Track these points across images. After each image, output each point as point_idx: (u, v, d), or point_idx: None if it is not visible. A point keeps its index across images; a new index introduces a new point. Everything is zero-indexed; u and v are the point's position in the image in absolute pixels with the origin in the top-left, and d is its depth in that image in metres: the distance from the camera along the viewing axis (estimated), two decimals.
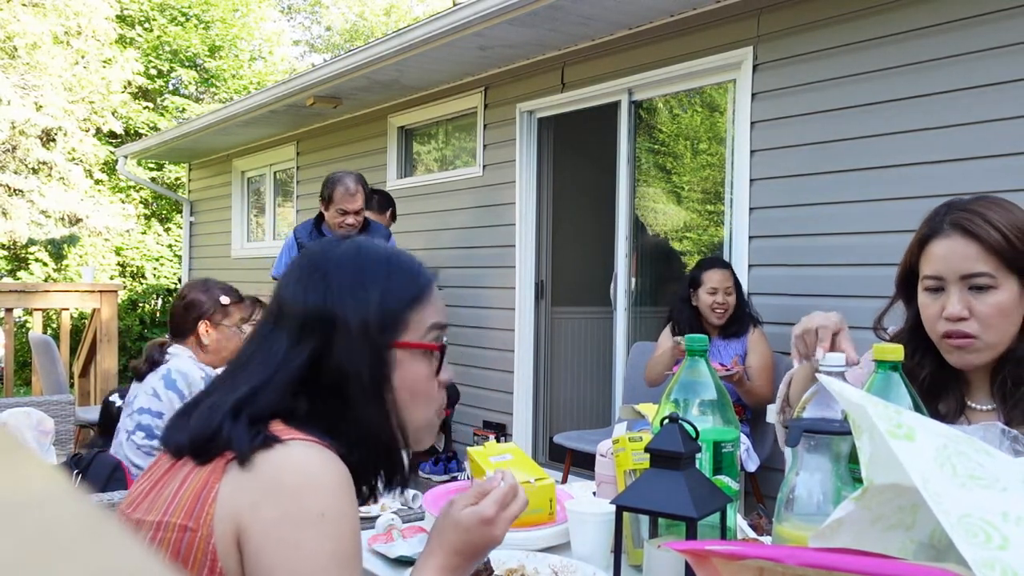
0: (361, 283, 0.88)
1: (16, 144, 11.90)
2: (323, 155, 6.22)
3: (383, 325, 0.88)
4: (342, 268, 0.89)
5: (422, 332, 0.91)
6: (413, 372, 0.90)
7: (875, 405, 0.66)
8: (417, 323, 0.90)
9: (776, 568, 0.61)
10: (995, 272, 1.12)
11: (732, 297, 3.09)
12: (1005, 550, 0.55)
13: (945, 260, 1.15)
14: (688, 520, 0.91)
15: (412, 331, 0.90)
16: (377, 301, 0.88)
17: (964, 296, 1.14)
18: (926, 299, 1.18)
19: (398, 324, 0.89)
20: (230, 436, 0.80)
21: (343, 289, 0.88)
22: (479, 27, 3.79)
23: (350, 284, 0.88)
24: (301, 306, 0.88)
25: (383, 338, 0.87)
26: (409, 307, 0.90)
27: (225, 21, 14.77)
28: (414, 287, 0.91)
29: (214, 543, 0.77)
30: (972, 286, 1.13)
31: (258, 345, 0.89)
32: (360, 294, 0.88)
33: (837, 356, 1.02)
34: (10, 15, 11.42)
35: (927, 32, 2.76)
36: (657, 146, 4.95)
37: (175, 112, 13.94)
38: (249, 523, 0.77)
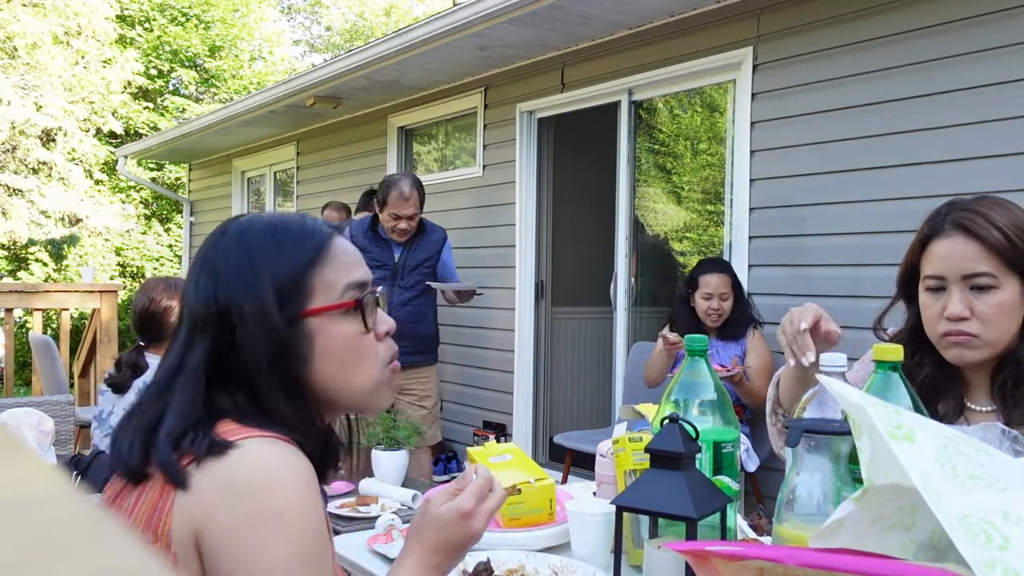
0: (249, 265, 0.83)
1: (16, 144, 11.90)
2: (323, 155, 6.22)
3: (283, 300, 0.82)
4: (228, 255, 0.84)
5: (335, 292, 0.84)
6: (338, 336, 0.84)
7: (875, 406, 0.66)
8: (325, 285, 0.84)
9: (776, 568, 0.61)
10: (996, 272, 1.13)
11: (728, 302, 3.08)
12: (1006, 550, 0.55)
13: (947, 260, 1.15)
14: (688, 520, 0.91)
15: (320, 295, 0.83)
16: (269, 278, 0.82)
17: (966, 296, 1.14)
18: (927, 299, 1.18)
19: (301, 293, 0.83)
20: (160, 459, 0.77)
21: (231, 277, 0.83)
22: (479, 27, 3.79)
23: (236, 269, 0.83)
24: (198, 306, 0.83)
25: (287, 313, 0.82)
26: (307, 272, 0.83)
27: (225, 21, 14.77)
28: (308, 249, 0.84)
29: (174, 551, 0.75)
30: (974, 286, 1.14)
31: (172, 355, 0.85)
32: (249, 278, 0.82)
33: (838, 356, 1.02)
34: (10, 15, 11.41)
35: (927, 32, 2.76)
36: (657, 146, 4.95)
37: (175, 112, 13.93)
38: (206, 529, 0.74)
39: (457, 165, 5.12)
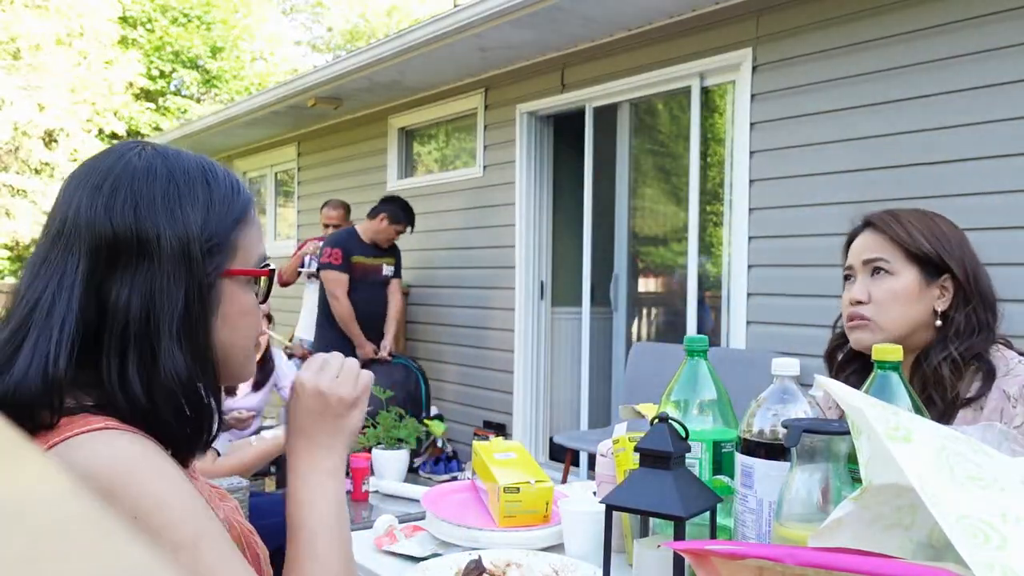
0: (179, 201, 0.73)
1: (19, 145, 11.92)
2: (324, 156, 6.23)
3: (210, 250, 0.74)
4: (153, 182, 0.72)
5: (252, 258, 0.78)
6: (240, 303, 0.77)
7: (872, 407, 0.66)
8: (244, 249, 0.77)
9: (776, 568, 0.61)
10: (892, 259, 1.26)
11: None
12: (1004, 550, 0.55)
13: (855, 252, 1.32)
14: (676, 519, 0.91)
15: (240, 257, 0.77)
16: (200, 219, 0.73)
17: (866, 282, 1.28)
18: (844, 291, 1.32)
19: (225, 250, 0.75)
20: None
21: (157, 206, 0.72)
22: (480, 28, 3.79)
23: (165, 200, 0.72)
24: (108, 226, 0.70)
25: (210, 264, 0.74)
26: (235, 229, 0.76)
27: (226, 22, 14.78)
28: (237, 207, 0.77)
29: None
30: (873, 271, 1.27)
31: (33, 273, 0.71)
32: (177, 211, 0.72)
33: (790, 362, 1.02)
34: (13, 16, 11.43)
35: (926, 33, 2.76)
36: (657, 147, 4.95)
37: (177, 113, 13.94)
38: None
39: (457, 165, 5.12)
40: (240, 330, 0.79)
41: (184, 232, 0.72)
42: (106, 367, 0.70)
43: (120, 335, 0.70)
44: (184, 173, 0.75)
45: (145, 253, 0.71)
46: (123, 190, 0.72)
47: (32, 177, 12.06)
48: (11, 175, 11.86)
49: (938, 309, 1.25)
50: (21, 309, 0.70)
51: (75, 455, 0.65)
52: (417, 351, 5.21)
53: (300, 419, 0.83)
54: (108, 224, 0.71)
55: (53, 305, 0.69)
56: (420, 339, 5.18)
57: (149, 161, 0.74)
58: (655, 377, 3.27)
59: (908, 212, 1.31)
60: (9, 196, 11.97)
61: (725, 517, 1.05)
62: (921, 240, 1.25)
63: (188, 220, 0.73)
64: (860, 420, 0.68)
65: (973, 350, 1.21)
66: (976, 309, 1.23)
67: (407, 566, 1.15)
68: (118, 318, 0.70)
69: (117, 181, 0.72)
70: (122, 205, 0.71)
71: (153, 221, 0.71)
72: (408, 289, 5.20)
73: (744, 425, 1.02)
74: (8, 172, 11.87)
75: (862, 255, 1.29)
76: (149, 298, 0.70)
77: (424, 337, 5.15)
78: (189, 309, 0.72)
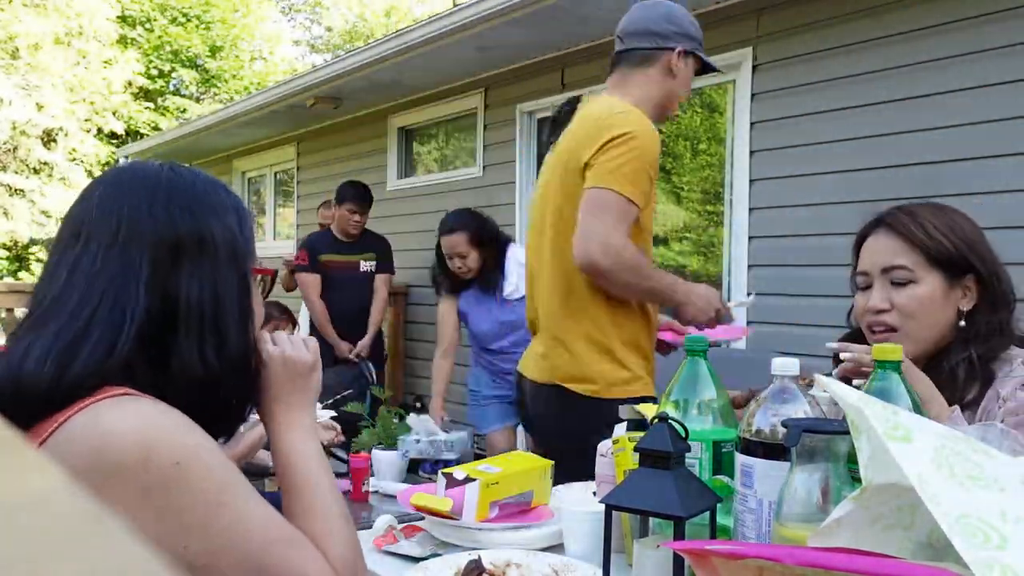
0: (218, 204, 0.84)
1: (17, 144, 11.91)
2: (323, 156, 6.23)
3: (246, 248, 0.86)
4: (196, 189, 0.83)
5: (256, 259, 0.90)
6: (256, 299, 0.90)
7: (872, 407, 0.66)
8: (254, 251, 0.89)
9: (775, 568, 0.61)
10: (914, 266, 1.19)
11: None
12: (1004, 550, 0.55)
13: (870, 256, 1.24)
14: (676, 519, 0.91)
15: (252, 259, 0.89)
16: (236, 223, 0.85)
17: (886, 289, 1.21)
18: (857, 296, 1.26)
19: (251, 248, 0.87)
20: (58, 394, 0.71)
21: (201, 209, 0.82)
22: (479, 28, 3.79)
23: (209, 205, 0.83)
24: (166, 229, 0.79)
25: (246, 262, 0.86)
26: (250, 235, 0.88)
27: (226, 22, 14.78)
28: (246, 214, 0.89)
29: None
30: (893, 280, 1.20)
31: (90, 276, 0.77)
32: (222, 215, 0.83)
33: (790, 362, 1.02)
34: (12, 16, 11.42)
35: (926, 33, 2.76)
36: None
37: (176, 112, 13.94)
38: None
39: (457, 165, 5.12)
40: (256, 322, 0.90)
41: (231, 231, 0.84)
42: (182, 352, 0.79)
43: (195, 323, 0.79)
44: (212, 185, 0.86)
45: (205, 250, 0.81)
46: (176, 198, 0.81)
47: (31, 177, 12.06)
48: (10, 175, 11.86)
49: (963, 309, 1.19)
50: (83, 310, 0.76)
51: (101, 417, 0.71)
52: (417, 351, 5.21)
53: (274, 387, 0.91)
54: (171, 227, 0.80)
55: (115, 304, 0.76)
56: (420, 339, 5.18)
57: (182, 174, 0.85)
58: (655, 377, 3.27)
59: (924, 208, 1.22)
60: (8, 196, 11.97)
61: (725, 517, 1.05)
62: (942, 240, 1.17)
63: (230, 222, 0.84)
64: (860, 420, 0.68)
65: (991, 353, 1.16)
66: (998, 309, 1.18)
67: (407, 566, 1.15)
68: (192, 307, 0.79)
69: (169, 191, 0.81)
70: (180, 210, 0.81)
71: (207, 222, 0.82)
72: (408, 289, 5.20)
73: (744, 425, 1.02)
74: (7, 172, 11.87)
75: (880, 262, 1.21)
76: (214, 288, 0.81)
77: (424, 337, 5.15)
78: (242, 296, 0.84)
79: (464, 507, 1.23)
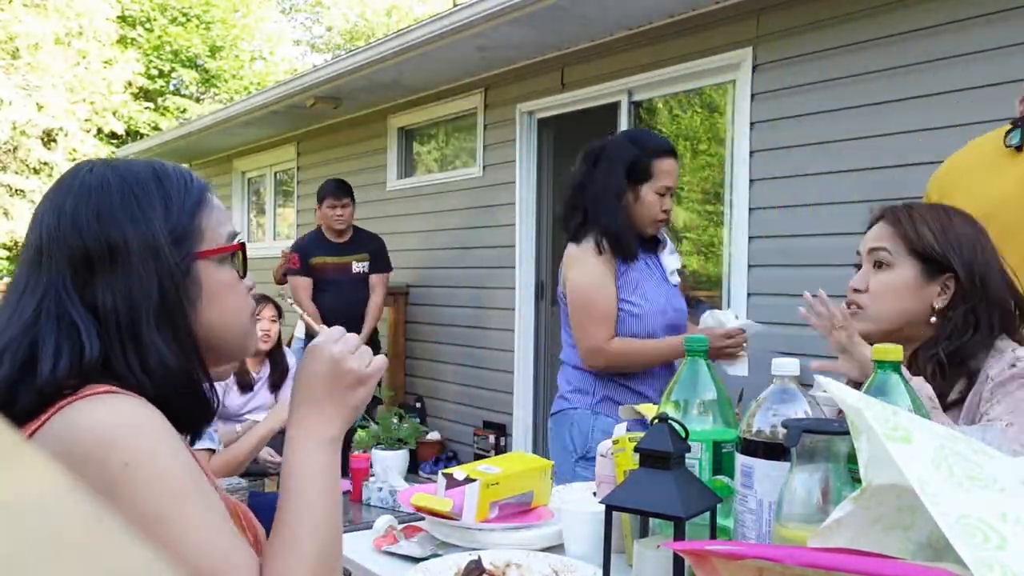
0: (137, 203, 0.79)
1: (17, 144, 11.91)
2: (323, 155, 6.23)
3: (176, 241, 0.80)
4: (110, 194, 0.79)
5: (220, 237, 0.84)
6: (219, 281, 0.83)
7: (871, 407, 0.66)
8: (211, 229, 0.83)
9: (775, 568, 0.61)
10: (893, 251, 1.26)
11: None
12: (1003, 550, 0.55)
13: (864, 240, 1.33)
14: (676, 519, 0.91)
15: (208, 238, 0.83)
16: (161, 215, 0.80)
17: (868, 272, 1.29)
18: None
19: (191, 235, 0.81)
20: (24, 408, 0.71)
21: (118, 214, 0.78)
22: (479, 28, 3.79)
23: (124, 207, 0.79)
24: (74, 241, 0.77)
25: (179, 254, 0.80)
26: (196, 214, 0.83)
27: (226, 21, 14.77)
28: (192, 193, 0.83)
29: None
30: (875, 262, 1.28)
31: (19, 295, 0.78)
32: (138, 215, 0.79)
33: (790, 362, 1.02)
34: (12, 16, 11.42)
35: (926, 33, 2.76)
36: None
37: (176, 112, 13.94)
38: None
39: (457, 165, 5.12)
40: (227, 306, 0.84)
41: (147, 230, 0.79)
42: (114, 360, 0.77)
43: (113, 331, 0.77)
44: (135, 177, 0.81)
45: (116, 256, 0.77)
46: (84, 205, 0.78)
47: (31, 177, 12.05)
48: (10, 175, 11.85)
49: (936, 306, 1.23)
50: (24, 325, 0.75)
51: (75, 414, 0.71)
52: (416, 351, 5.21)
53: (310, 383, 0.84)
54: (79, 238, 0.77)
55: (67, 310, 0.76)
56: (420, 339, 5.18)
57: (101, 174, 0.81)
58: None
59: (924, 207, 1.30)
60: (8, 196, 11.97)
61: (725, 517, 1.05)
62: (928, 236, 1.23)
63: (148, 218, 0.79)
64: (859, 420, 0.68)
65: (963, 351, 1.19)
66: (976, 309, 1.20)
67: (407, 566, 1.15)
68: (108, 318, 0.77)
69: (77, 198, 0.79)
70: (86, 218, 0.78)
71: (117, 226, 0.78)
72: (408, 289, 5.20)
73: (744, 425, 1.02)
74: (7, 172, 11.87)
75: (868, 244, 1.31)
76: (127, 295, 0.77)
77: (424, 337, 5.15)
78: (165, 298, 0.79)
79: (464, 507, 1.23)
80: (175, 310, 0.79)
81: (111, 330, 0.76)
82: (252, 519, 0.87)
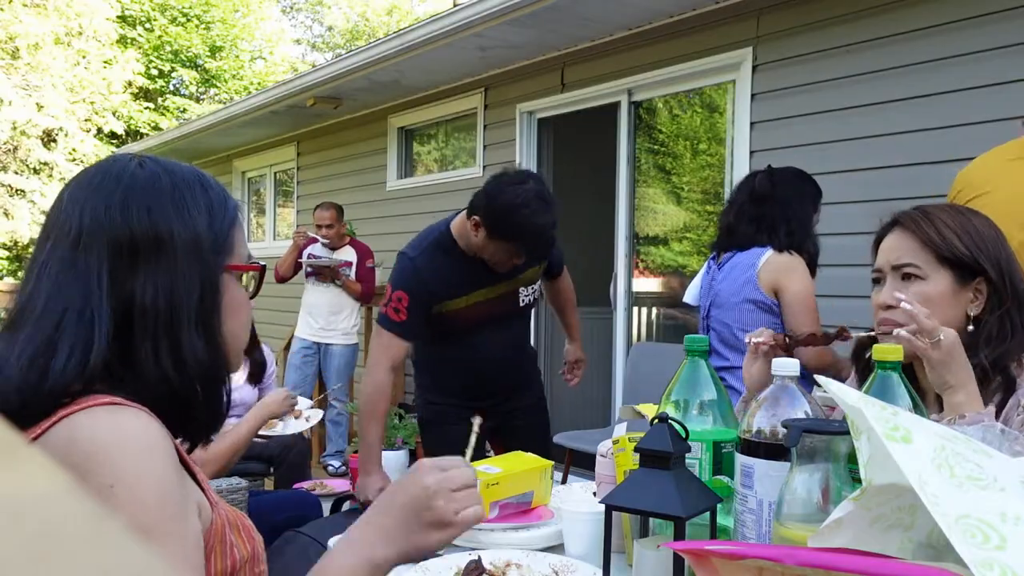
0: (183, 201, 0.80)
1: (17, 144, 11.91)
2: (323, 155, 6.23)
3: (215, 246, 0.81)
4: (158, 186, 0.79)
5: (244, 255, 0.86)
6: (237, 296, 0.84)
7: (871, 407, 0.66)
8: (238, 246, 0.85)
9: (775, 568, 0.61)
10: (924, 264, 1.19)
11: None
12: (1003, 550, 0.55)
13: (884, 253, 1.25)
14: (676, 519, 0.91)
15: (236, 254, 0.84)
16: (206, 220, 0.80)
17: (897, 286, 1.21)
18: (873, 294, 1.26)
19: (226, 246, 0.82)
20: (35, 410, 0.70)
21: (167, 206, 0.78)
22: (479, 28, 3.79)
23: (173, 201, 0.79)
24: (122, 230, 0.76)
25: (215, 260, 0.81)
26: (232, 228, 0.84)
27: (226, 21, 14.77)
28: (230, 208, 0.84)
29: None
30: (904, 276, 1.21)
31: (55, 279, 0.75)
32: (185, 213, 0.79)
33: (790, 362, 1.02)
34: (12, 16, 11.42)
35: (926, 33, 2.76)
36: (657, 147, 4.95)
37: (176, 112, 13.94)
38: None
39: (457, 165, 5.12)
40: (239, 320, 0.85)
41: (194, 230, 0.79)
42: (142, 356, 0.76)
43: (150, 326, 0.76)
44: (183, 180, 0.82)
45: (162, 250, 0.77)
46: (135, 197, 0.78)
47: (31, 177, 12.05)
48: (10, 175, 11.85)
49: (971, 313, 1.18)
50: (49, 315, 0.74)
51: (73, 425, 0.70)
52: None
53: (392, 499, 0.81)
54: (126, 228, 0.77)
55: (85, 307, 0.74)
56: None
57: (151, 170, 0.81)
58: (655, 377, 3.27)
59: (940, 209, 1.23)
60: (8, 196, 11.97)
61: (725, 517, 1.05)
62: (955, 241, 1.18)
63: (195, 220, 0.80)
64: (859, 420, 0.68)
65: (1005, 358, 1.14)
66: (1011, 313, 1.17)
67: (407, 566, 1.15)
68: (147, 311, 0.76)
69: (128, 190, 0.78)
70: (136, 210, 0.77)
71: (166, 221, 0.78)
72: None
73: (744, 425, 1.02)
74: (7, 172, 11.87)
75: (891, 259, 1.22)
76: (169, 291, 0.77)
77: None
78: (204, 300, 0.79)
79: None
80: (213, 312, 0.80)
81: (148, 325, 0.76)
82: (251, 531, 0.86)
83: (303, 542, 1.61)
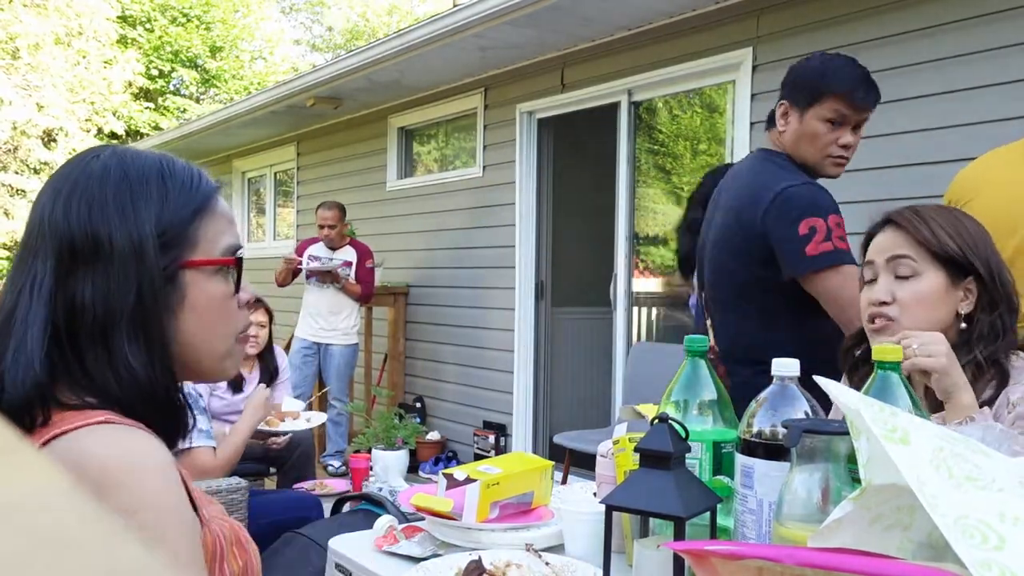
0: (131, 198, 0.75)
1: (18, 144, 11.92)
2: (323, 156, 6.23)
3: (165, 245, 0.75)
4: (106, 183, 0.75)
5: (215, 248, 0.79)
6: (207, 294, 0.78)
7: (870, 408, 0.66)
8: (207, 239, 0.78)
9: (775, 568, 0.61)
10: (918, 258, 1.21)
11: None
12: (1002, 551, 0.55)
13: (876, 248, 1.26)
14: (676, 520, 0.91)
15: (202, 248, 0.78)
16: (153, 218, 0.75)
17: (890, 283, 1.22)
18: (863, 291, 1.27)
19: (183, 242, 0.77)
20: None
21: (109, 207, 0.74)
22: (479, 28, 3.79)
23: (116, 200, 0.74)
24: (63, 229, 0.73)
25: (166, 260, 0.75)
26: (193, 221, 0.77)
27: (226, 22, 14.77)
28: (196, 198, 0.78)
29: None
30: (898, 274, 1.22)
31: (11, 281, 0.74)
32: (130, 211, 0.74)
33: (791, 362, 1.02)
34: (12, 16, 11.42)
35: (926, 33, 2.76)
36: (657, 147, 4.95)
37: (176, 112, 13.94)
38: None
39: (457, 165, 5.12)
40: (212, 321, 0.79)
41: (135, 229, 0.74)
42: (91, 361, 0.73)
43: (88, 332, 0.73)
44: (139, 171, 0.77)
45: (100, 252, 0.73)
46: (79, 193, 0.75)
47: (31, 177, 12.06)
48: (10, 175, 11.86)
49: (961, 312, 1.20)
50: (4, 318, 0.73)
51: (76, 447, 0.67)
52: (416, 351, 5.21)
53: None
54: (67, 227, 0.74)
55: (29, 308, 0.72)
56: (420, 339, 5.18)
57: (105, 163, 0.77)
58: (655, 377, 3.27)
59: (931, 209, 1.25)
60: (8, 196, 11.97)
61: (725, 517, 1.05)
62: (947, 240, 1.19)
63: (140, 217, 0.75)
64: (859, 421, 0.68)
65: (996, 354, 1.16)
66: (1001, 312, 1.19)
67: (407, 566, 1.15)
68: (84, 316, 0.73)
69: (74, 185, 0.75)
70: (77, 208, 0.74)
71: (105, 221, 0.74)
72: (408, 289, 5.21)
73: (744, 425, 1.02)
74: (7, 172, 11.87)
75: (885, 252, 1.24)
76: (104, 295, 0.73)
77: (424, 337, 5.15)
78: (142, 304, 0.74)
79: (465, 507, 1.23)
80: (151, 319, 0.74)
81: (86, 328, 0.73)
82: (246, 544, 0.83)
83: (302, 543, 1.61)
